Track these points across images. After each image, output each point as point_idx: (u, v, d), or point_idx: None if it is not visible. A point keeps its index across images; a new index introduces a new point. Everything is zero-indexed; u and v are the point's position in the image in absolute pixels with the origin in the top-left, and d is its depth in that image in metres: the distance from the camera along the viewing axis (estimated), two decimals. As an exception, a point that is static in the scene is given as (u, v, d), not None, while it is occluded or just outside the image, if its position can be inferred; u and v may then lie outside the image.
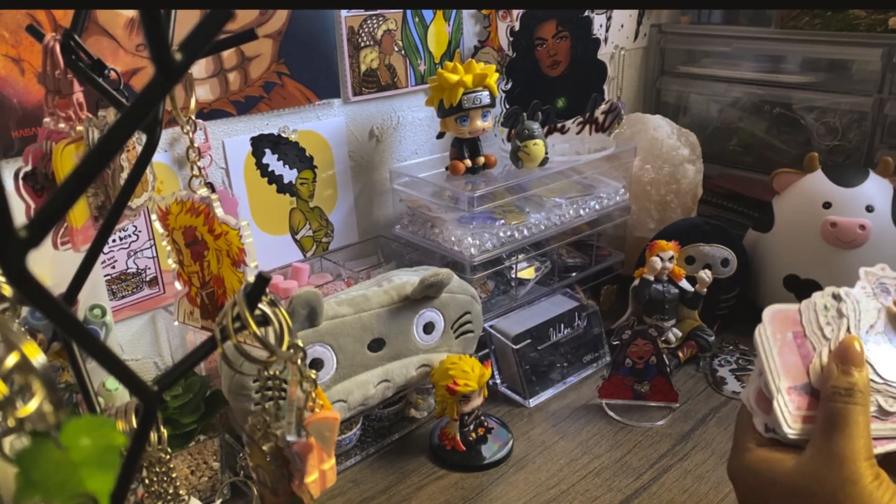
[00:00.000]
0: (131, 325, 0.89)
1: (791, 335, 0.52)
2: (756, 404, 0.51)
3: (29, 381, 0.26)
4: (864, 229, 0.97)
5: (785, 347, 0.52)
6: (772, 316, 0.53)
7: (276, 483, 0.49)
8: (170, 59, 0.23)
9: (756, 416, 0.51)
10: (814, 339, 0.52)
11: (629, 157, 1.14)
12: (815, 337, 0.52)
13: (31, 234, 0.22)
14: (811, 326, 0.52)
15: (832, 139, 1.23)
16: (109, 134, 0.23)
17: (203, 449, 0.79)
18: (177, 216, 0.78)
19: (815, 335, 0.52)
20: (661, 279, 1.01)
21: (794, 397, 0.50)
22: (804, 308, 0.53)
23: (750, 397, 0.52)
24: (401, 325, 0.83)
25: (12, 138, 0.74)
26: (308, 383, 0.45)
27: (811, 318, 0.53)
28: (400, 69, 1.05)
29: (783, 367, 0.51)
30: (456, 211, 0.99)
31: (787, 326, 0.53)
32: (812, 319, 0.53)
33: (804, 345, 0.52)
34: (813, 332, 0.52)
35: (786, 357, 0.51)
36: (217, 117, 0.89)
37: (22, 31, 0.72)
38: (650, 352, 0.90)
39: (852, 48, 1.18)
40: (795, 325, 0.53)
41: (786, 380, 0.50)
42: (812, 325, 0.52)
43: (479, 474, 0.82)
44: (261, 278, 0.35)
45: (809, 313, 0.53)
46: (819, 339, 0.52)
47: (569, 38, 1.10)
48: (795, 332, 0.52)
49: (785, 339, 0.52)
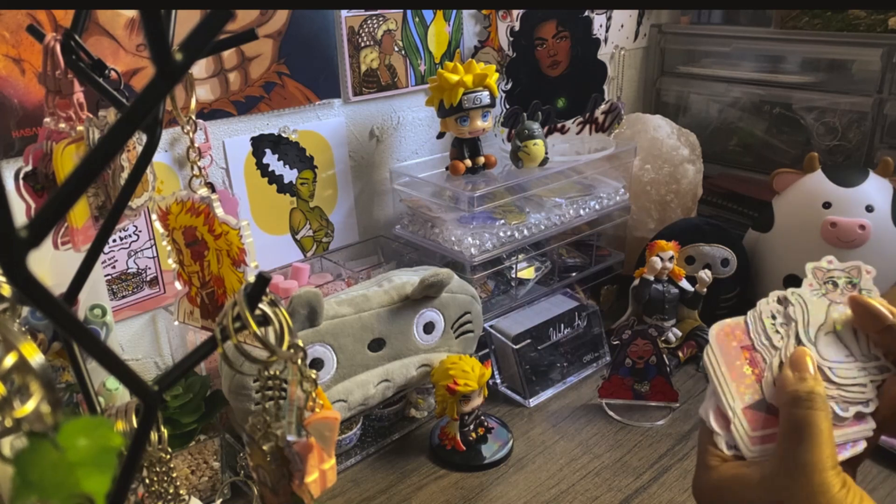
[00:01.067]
0: (132, 324, 0.89)
1: (739, 349, 0.50)
2: (715, 423, 0.50)
3: (27, 381, 0.26)
4: (863, 229, 0.97)
5: (734, 364, 0.50)
6: (717, 333, 0.51)
7: (277, 483, 0.49)
8: (170, 60, 0.23)
9: (716, 434, 0.50)
10: (763, 350, 0.50)
11: (629, 157, 1.14)
12: (764, 348, 0.50)
13: (32, 233, 0.22)
14: (759, 338, 0.51)
15: (832, 139, 1.23)
16: (110, 134, 0.23)
17: (203, 449, 0.79)
18: (177, 216, 0.78)
19: (763, 346, 0.50)
20: (661, 279, 1.01)
21: (749, 417, 0.48)
22: (750, 319, 0.51)
23: (709, 416, 0.50)
24: (401, 325, 0.83)
25: (13, 138, 0.74)
26: (308, 383, 0.45)
27: (758, 328, 0.51)
28: (400, 69, 1.05)
29: (735, 386, 0.49)
30: (456, 211, 0.99)
31: (734, 340, 0.51)
32: (759, 330, 0.51)
33: (754, 358, 0.50)
34: (762, 343, 0.51)
35: (737, 374, 0.50)
36: (217, 117, 0.89)
37: (22, 32, 0.72)
38: (650, 352, 0.90)
39: (852, 48, 1.18)
40: (743, 338, 0.51)
41: (739, 400, 0.49)
42: (760, 337, 0.51)
43: (479, 474, 0.82)
44: (261, 278, 0.35)
45: (756, 324, 0.51)
46: (768, 350, 0.50)
47: (569, 39, 1.10)
48: (743, 345, 0.51)
49: (733, 355, 0.50)
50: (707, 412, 0.50)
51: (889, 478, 0.77)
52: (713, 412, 0.50)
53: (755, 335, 0.51)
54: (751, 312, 0.52)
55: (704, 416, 0.50)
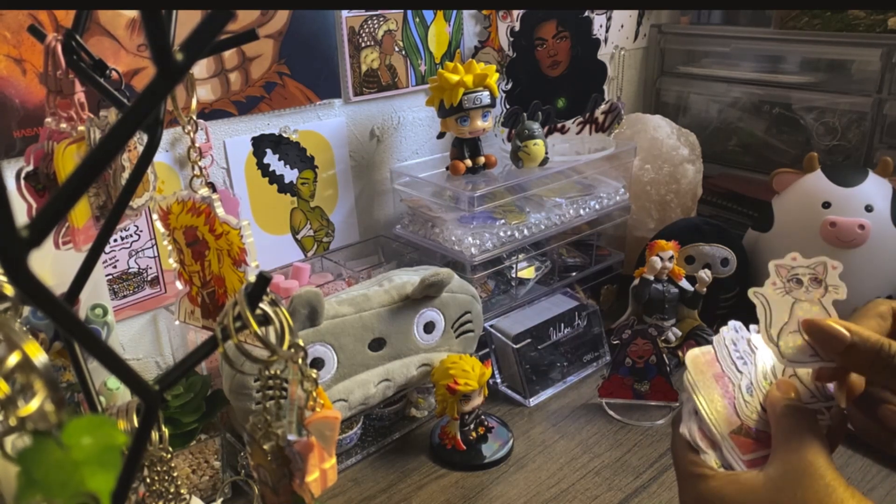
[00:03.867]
0: (132, 324, 0.89)
1: (712, 377, 0.52)
2: (702, 442, 0.51)
3: (30, 380, 0.26)
4: (863, 229, 0.97)
5: (713, 391, 0.52)
6: (693, 362, 0.53)
7: (277, 482, 0.49)
8: (171, 60, 0.23)
9: (704, 453, 0.51)
10: (731, 374, 0.52)
11: (629, 157, 1.14)
12: (731, 372, 0.52)
13: (33, 233, 0.22)
14: (726, 363, 0.52)
15: (831, 139, 1.23)
16: (111, 134, 0.23)
17: (204, 448, 0.79)
18: (178, 216, 0.78)
19: (731, 370, 0.52)
20: (660, 279, 1.01)
21: (738, 443, 0.50)
22: (717, 346, 0.53)
23: (694, 435, 0.51)
24: (401, 325, 0.83)
25: (14, 138, 0.74)
26: (309, 382, 0.45)
27: (724, 354, 0.53)
28: (400, 69, 1.05)
29: (717, 414, 0.51)
30: (456, 211, 0.99)
31: (708, 368, 0.53)
32: (725, 356, 0.53)
33: (725, 386, 0.52)
34: (728, 367, 0.52)
35: (716, 401, 0.51)
36: (218, 117, 0.89)
37: (24, 32, 0.72)
38: (650, 351, 0.90)
39: (852, 48, 1.18)
40: (713, 365, 0.53)
41: (725, 425, 0.50)
42: (727, 362, 0.52)
43: (480, 473, 0.82)
44: (262, 278, 0.35)
45: (721, 350, 0.53)
46: (735, 374, 0.52)
47: (569, 39, 1.10)
48: (715, 373, 0.52)
49: (709, 382, 0.52)
50: (691, 432, 0.52)
51: (888, 477, 0.77)
52: (698, 432, 0.51)
53: (722, 360, 0.52)
54: (716, 339, 0.53)
55: (689, 435, 0.51)
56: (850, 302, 0.50)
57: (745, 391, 0.51)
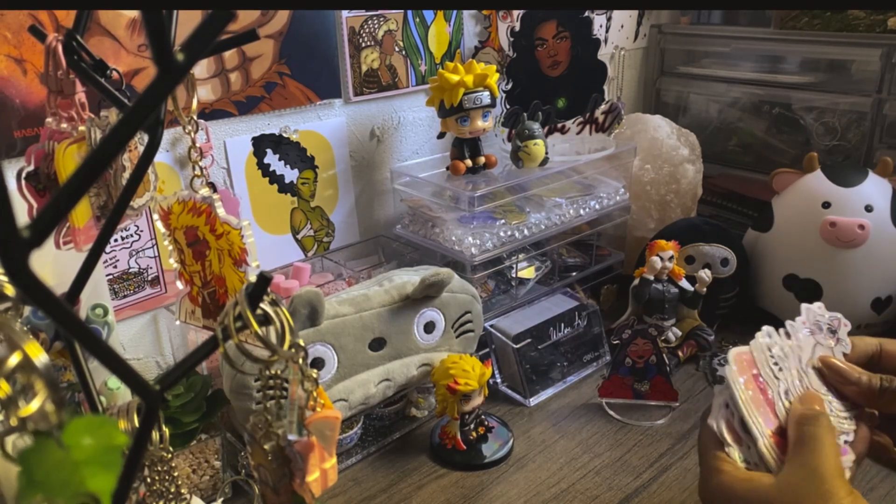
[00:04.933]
0: (133, 324, 0.89)
1: (752, 377, 0.55)
2: (728, 436, 0.53)
3: (31, 380, 0.26)
4: (863, 229, 0.97)
5: (752, 390, 0.54)
6: (735, 360, 0.55)
7: (278, 482, 0.49)
8: (172, 60, 0.23)
9: (729, 446, 0.52)
10: (769, 380, 0.55)
11: (629, 157, 1.14)
12: (769, 378, 0.55)
13: (34, 233, 0.22)
14: (764, 368, 0.55)
15: (831, 139, 1.23)
16: (111, 134, 0.23)
17: (204, 448, 0.79)
18: (178, 216, 0.78)
19: (769, 376, 0.55)
20: (660, 279, 1.01)
21: (776, 442, 0.52)
22: (755, 349, 0.56)
23: (722, 429, 0.53)
24: (401, 325, 0.83)
25: (15, 138, 0.74)
26: (309, 382, 0.46)
27: (762, 359, 0.56)
28: (401, 69, 1.06)
29: (758, 413, 0.53)
30: (456, 211, 0.99)
31: (748, 368, 0.55)
32: (763, 361, 0.56)
33: (765, 386, 0.55)
34: (767, 373, 0.55)
35: (756, 400, 0.54)
36: (218, 117, 0.89)
37: (24, 32, 0.72)
38: (650, 351, 0.90)
39: (851, 48, 1.18)
40: (752, 366, 0.56)
41: (764, 424, 0.53)
42: (765, 367, 0.55)
43: (480, 473, 0.83)
44: (262, 278, 0.36)
45: (760, 354, 0.56)
46: (772, 379, 0.55)
47: (569, 39, 1.11)
48: (754, 373, 0.55)
49: (750, 381, 0.55)
50: (719, 425, 0.54)
51: (888, 477, 0.77)
52: (725, 426, 0.54)
53: (761, 365, 0.55)
54: (753, 343, 0.56)
55: (716, 428, 0.54)
56: (850, 301, 0.52)
57: (784, 396, 0.55)
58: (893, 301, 1.01)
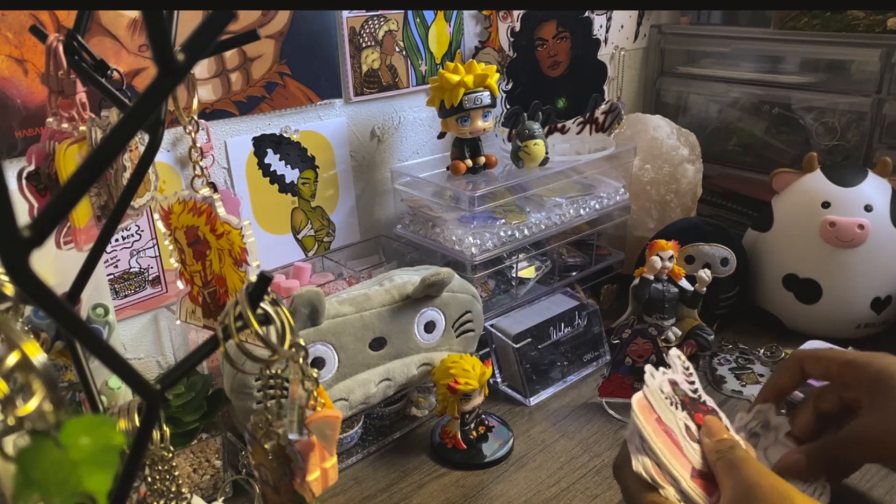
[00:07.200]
0: (134, 323, 0.90)
1: (656, 421, 0.55)
2: (660, 478, 0.52)
3: (29, 380, 0.26)
4: (862, 229, 0.97)
5: (660, 434, 0.54)
6: (638, 405, 0.55)
7: (279, 481, 0.49)
8: (172, 60, 0.23)
9: (662, 488, 0.52)
10: (668, 422, 0.55)
11: (629, 157, 1.14)
12: (668, 420, 0.55)
13: (35, 233, 0.22)
14: (663, 412, 0.55)
15: (831, 139, 1.23)
16: (112, 134, 0.24)
17: (205, 447, 0.79)
18: (179, 216, 0.78)
19: (668, 419, 0.55)
20: (660, 278, 1.01)
21: (699, 485, 0.53)
22: (649, 395, 0.56)
23: (651, 472, 0.53)
24: (402, 324, 0.83)
25: (16, 138, 0.74)
26: (310, 382, 0.46)
27: (658, 403, 0.56)
28: (401, 69, 1.06)
29: (671, 454, 0.53)
30: (457, 210, 0.99)
31: (650, 414, 0.55)
32: (659, 404, 0.56)
33: (668, 429, 0.55)
34: (667, 416, 0.55)
35: (667, 443, 0.55)
36: (219, 117, 0.89)
37: (25, 32, 0.72)
38: (650, 351, 0.91)
39: (851, 49, 1.18)
40: (652, 410, 0.56)
41: (681, 466, 0.53)
42: (663, 410, 0.55)
43: (480, 472, 0.83)
44: (263, 277, 0.36)
45: (654, 398, 0.56)
46: (671, 420, 0.55)
47: (569, 39, 1.11)
48: (657, 417, 0.55)
49: (656, 426, 0.55)
50: (647, 468, 0.53)
51: (887, 476, 0.77)
52: (654, 468, 0.54)
53: (659, 410, 0.56)
54: (645, 389, 0.56)
55: (645, 473, 0.53)
56: (849, 301, 0.51)
57: (686, 433, 0.55)
58: (893, 301, 1.01)
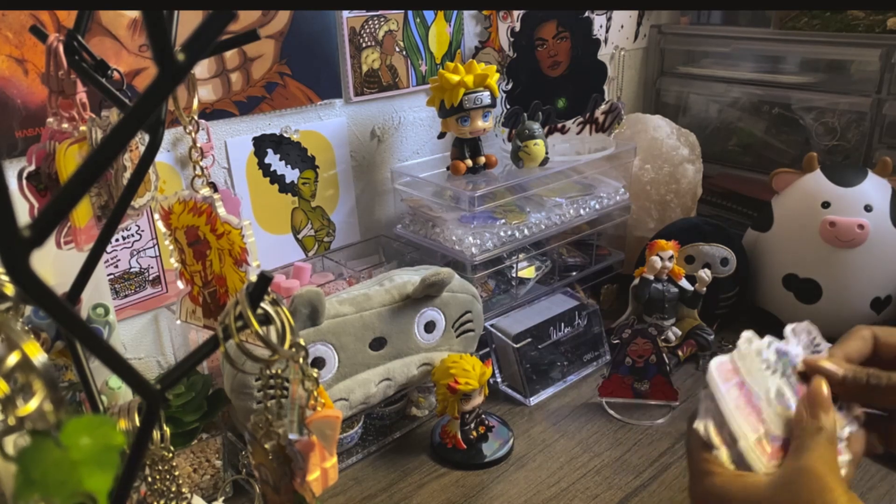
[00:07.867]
0: (134, 323, 0.90)
1: (736, 385, 0.54)
2: (717, 438, 0.53)
3: (30, 380, 0.26)
4: (862, 229, 0.97)
5: (735, 397, 0.54)
6: (717, 369, 0.55)
7: (279, 481, 0.49)
8: (172, 60, 0.23)
9: (716, 449, 0.52)
10: (755, 386, 0.54)
11: (629, 157, 1.14)
12: (755, 384, 0.54)
13: (35, 233, 0.22)
14: (751, 376, 0.55)
15: (831, 139, 1.23)
16: (112, 134, 0.24)
17: (205, 447, 0.79)
18: (179, 216, 0.78)
19: (755, 382, 0.54)
20: (660, 278, 1.01)
21: (760, 446, 0.52)
22: (737, 358, 0.55)
23: (709, 432, 0.53)
24: (402, 324, 0.83)
25: (16, 138, 0.74)
26: (310, 382, 0.46)
27: (750, 367, 0.55)
28: (401, 69, 1.06)
29: (743, 420, 0.53)
30: (457, 210, 0.99)
31: (732, 376, 0.55)
32: (750, 365, 0.55)
33: (749, 394, 0.54)
34: (753, 379, 0.54)
35: (740, 406, 0.54)
36: (219, 117, 0.89)
37: (25, 32, 0.72)
38: (650, 350, 0.91)
39: (851, 49, 1.18)
40: (735, 374, 0.55)
41: (749, 429, 0.53)
42: (752, 375, 0.55)
43: (480, 472, 0.83)
44: (263, 277, 0.36)
45: (742, 362, 0.55)
46: (759, 385, 0.54)
47: (569, 39, 1.11)
48: (738, 381, 0.54)
49: (733, 388, 0.54)
50: (706, 428, 0.54)
51: (887, 476, 0.77)
52: (714, 429, 0.53)
53: (746, 373, 0.55)
54: (735, 353, 0.56)
55: (703, 431, 0.53)
56: (849, 301, 0.51)
57: (774, 399, 0.54)
58: (893, 300, 1.01)
